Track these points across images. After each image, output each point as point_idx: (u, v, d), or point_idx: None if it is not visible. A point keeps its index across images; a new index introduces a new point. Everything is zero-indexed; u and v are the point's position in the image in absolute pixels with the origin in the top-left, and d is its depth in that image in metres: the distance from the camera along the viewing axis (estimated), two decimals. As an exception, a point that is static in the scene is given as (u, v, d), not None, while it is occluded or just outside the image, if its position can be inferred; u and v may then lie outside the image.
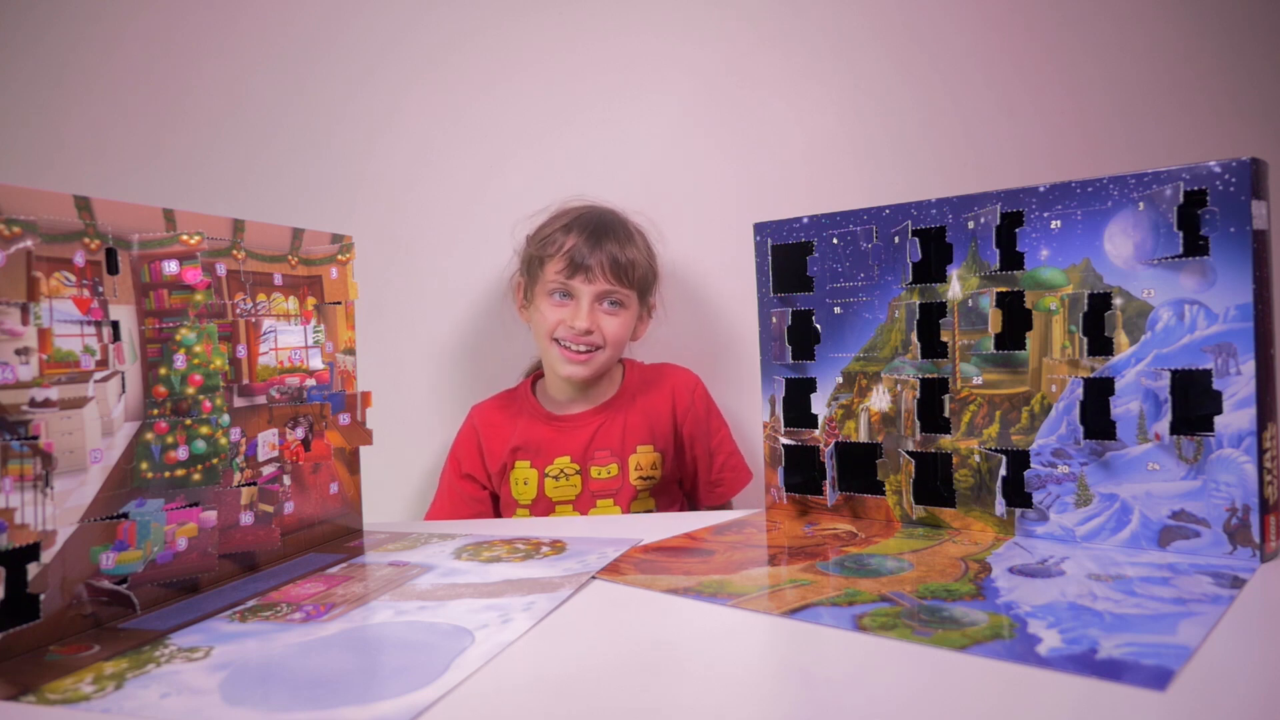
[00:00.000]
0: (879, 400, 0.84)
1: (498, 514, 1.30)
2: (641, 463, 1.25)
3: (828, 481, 0.88)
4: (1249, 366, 0.66)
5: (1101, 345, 0.72)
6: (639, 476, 1.25)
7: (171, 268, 0.68)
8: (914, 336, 0.82)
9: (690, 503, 1.33)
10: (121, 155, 1.41)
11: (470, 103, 1.41)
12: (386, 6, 1.41)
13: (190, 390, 0.69)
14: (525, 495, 1.25)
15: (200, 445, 0.70)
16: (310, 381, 0.83)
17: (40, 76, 1.41)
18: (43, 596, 0.57)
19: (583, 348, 1.22)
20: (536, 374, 1.35)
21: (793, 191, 1.39)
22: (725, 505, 1.31)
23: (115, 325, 0.64)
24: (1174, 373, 0.69)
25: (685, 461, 1.30)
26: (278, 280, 0.80)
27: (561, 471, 1.25)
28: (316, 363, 0.84)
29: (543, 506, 1.25)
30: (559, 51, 1.41)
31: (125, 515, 0.64)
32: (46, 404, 0.58)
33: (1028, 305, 0.75)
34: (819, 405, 0.88)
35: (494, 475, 1.28)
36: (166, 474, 0.67)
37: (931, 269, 0.81)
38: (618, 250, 1.21)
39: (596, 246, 1.20)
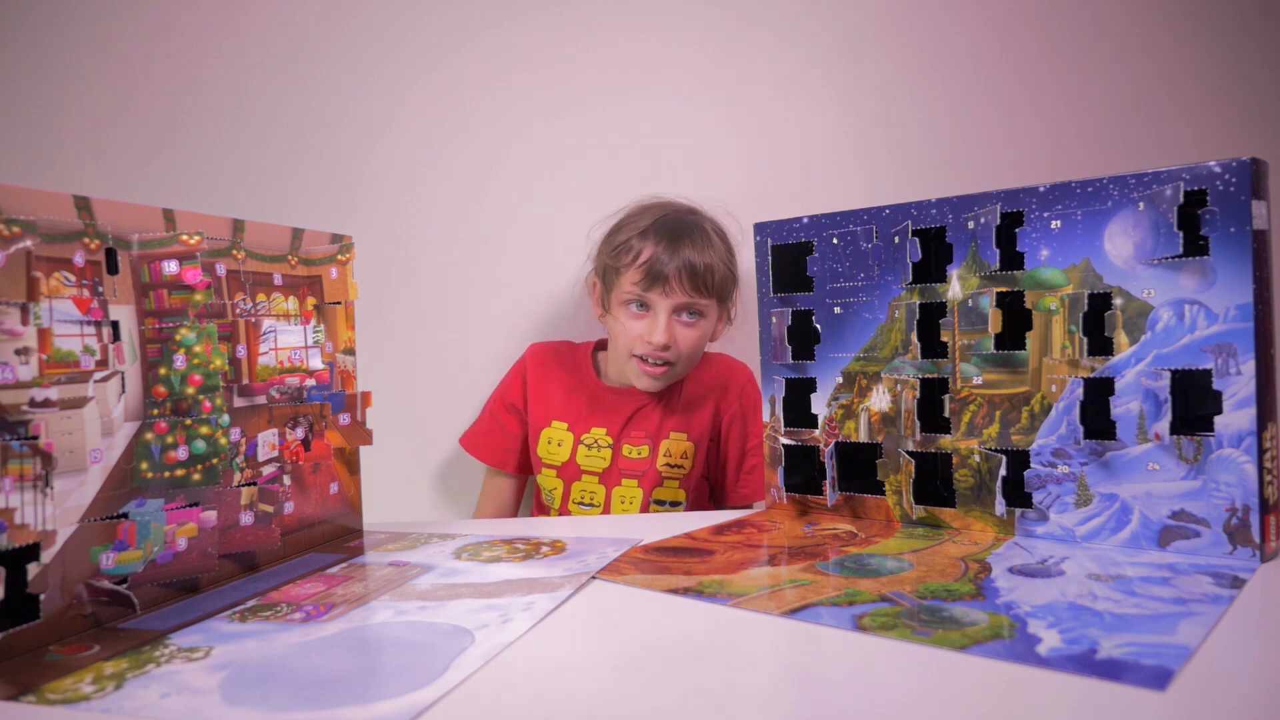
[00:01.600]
0: (879, 400, 0.84)
1: (526, 469, 1.31)
2: (672, 450, 1.24)
3: (828, 481, 0.88)
4: (1249, 366, 0.66)
5: (1101, 345, 0.72)
6: (666, 463, 1.23)
7: (171, 268, 0.68)
8: (914, 336, 0.82)
9: (716, 503, 1.31)
10: (121, 155, 1.41)
11: (470, 103, 1.41)
12: (387, 6, 1.41)
13: (190, 390, 0.69)
14: (557, 457, 1.25)
15: (200, 445, 0.70)
16: (310, 381, 0.83)
17: (40, 76, 1.41)
18: (43, 596, 0.57)
19: (658, 361, 1.19)
20: (601, 341, 1.33)
21: (793, 191, 1.39)
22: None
23: (115, 325, 0.64)
24: (1174, 373, 0.69)
25: (719, 457, 1.28)
26: (278, 280, 0.80)
27: (596, 442, 1.25)
28: (316, 363, 0.84)
29: (571, 472, 1.25)
30: (559, 51, 1.41)
31: (125, 515, 0.64)
32: (46, 404, 0.58)
33: (1028, 305, 0.75)
34: (819, 405, 0.88)
35: (532, 412, 1.29)
36: (166, 474, 0.67)
37: (931, 269, 0.81)
38: (695, 256, 1.16)
39: (673, 254, 1.15)
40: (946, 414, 0.80)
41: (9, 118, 1.41)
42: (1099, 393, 0.72)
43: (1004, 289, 0.76)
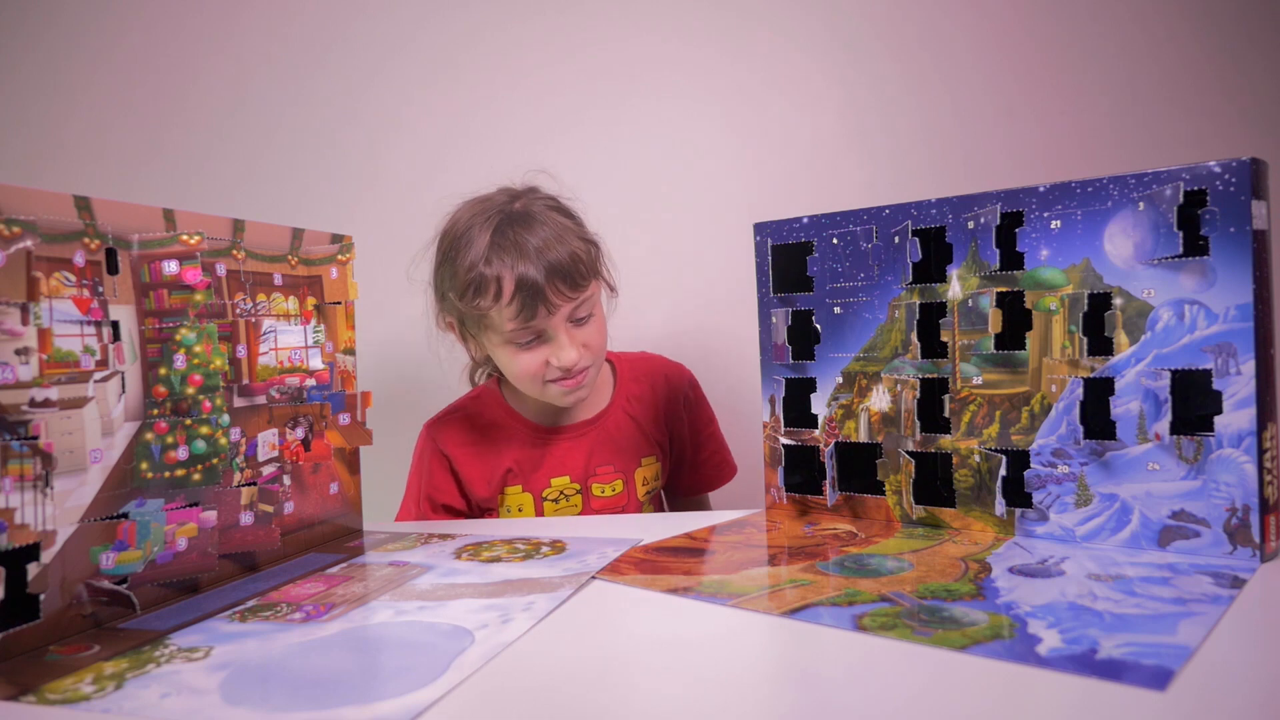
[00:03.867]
0: (879, 400, 0.84)
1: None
2: (646, 475, 1.15)
3: (828, 481, 0.88)
4: (1249, 366, 0.66)
5: (1101, 345, 0.72)
6: (645, 491, 1.15)
7: (171, 268, 0.68)
8: (914, 336, 0.82)
9: (666, 494, 1.25)
10: (121, 155, 1.41)
11: (471, 103, 1.41)
12: (387, 7, 1.41)
13: (190, 390, 0.69)
14: None
15: (200, 445, 0.70)
16: (310, 381, 0.83)
17: (40, 76, 1.41)
18: (43, 596, 0.57)
19: (577, 373, 1.05)
20: (497, 381, 1.18)
21: (793, 191, 1.39)
22: (704, 501, 1.26)
23: (115, 325, 0.64)
24: (1174, 373, 0.69)
25: (674, 454, 1.21)
26: (278, 280, 0.80)
27: (561, 493, 1.12)
28: (316, 363, 0.84)
29: None
30: (559, 52, 1.41)
31: (125, 515, 0.64)
32: (46, 404, 0.58)
33: (1028, 305, 0.75)
34: (819, 405, 0.88)
35: (481, 502, 1.13)
36: (166, 474, 0.67)
37: (931, 269, 0.81)
38: (557, 253, 1.00)
39: (536, 264, 0.98)
40: (946, 414, 0.80)
41: (9, 118, 1.41)
42: (1099, 393, 0.72)
43: (1004, 289, 0.76)
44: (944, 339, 0.80)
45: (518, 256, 0.99)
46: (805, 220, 0.88)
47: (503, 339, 1.03)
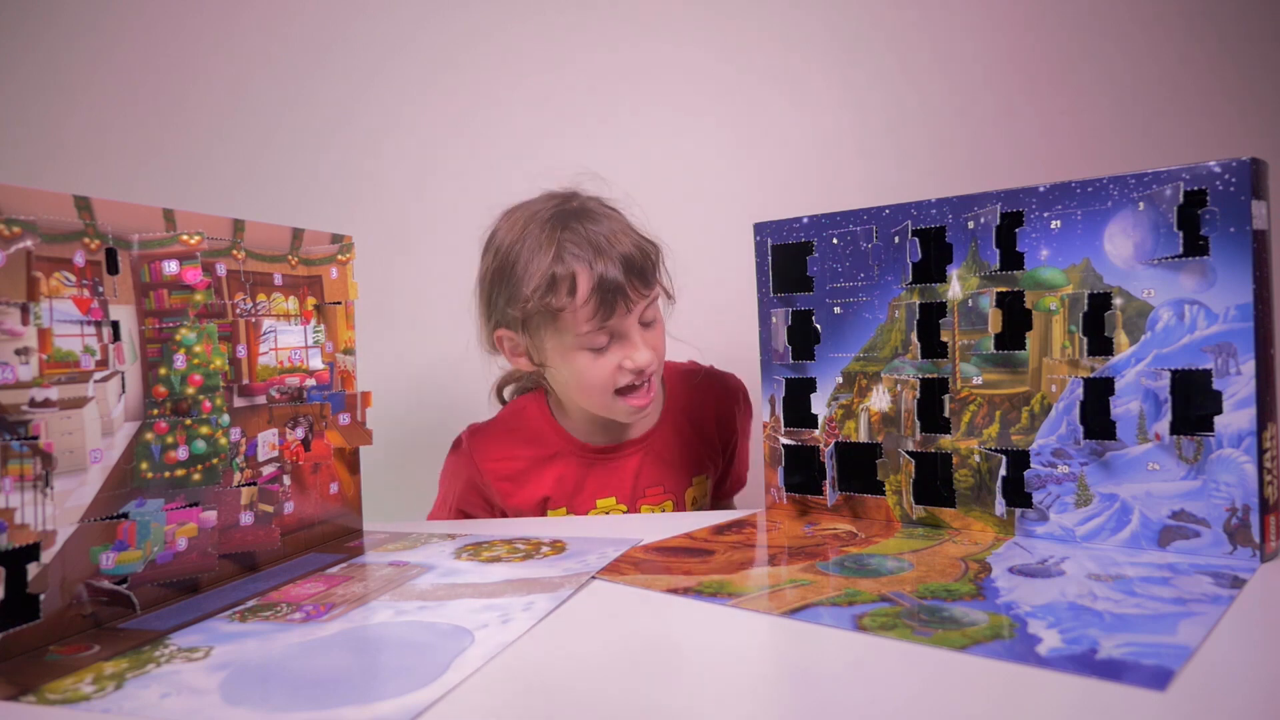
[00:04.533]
0: (879, 400, 0.84)
1: None
2: (696, 495, 1.10)
3: (828, 481, 0.88)
4: (1249, 366, 0.66)
5: (1101, 345, 0.72)
6: (695, 510, 1.10)
7: (171, 268, 0.68)
8: (914, 336, 0.82)
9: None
10: (121, 155, 1.41)
11: (471, 102, 1.41)
12: (387, 7, 1.41)
13: (190, 390, 0.69)
14: None
15: (200, 445, 0.70)
16: (310, 381, 0.83)
17: (40, 76, 1.41)
18: (43, 596, 0.57)
19: (644, 381, 0.99)
20: (541, 394, 1.12)
21: (793, 191, 1.39)
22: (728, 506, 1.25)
23: (115, 325, 0.64)
24: (1174, 373, 0.69)
25: (723, 467, 1.16)
26: (278, 280, 0.80)
27: (608, 514, 1.05)
28: (316, 363, 0.84)
29: None
30: (560, 52, 1.41)
31: (125, 515, 0.64)
32: (46, 404, 0.58)
33: (1028, 305, 0.75)
34: (819, 405, 0.88)
35: (512, 510, 1.08)
36: (166, 474, 0.67)
37: (931, 269, 0.81)
38: (628, 247, 0.96)
39: (609, 260, 0.94)
40: (946, 414, 0.80)
41: (9, 118, 1.41)
42: (1099, 393, 0.72)
43: (1004, 289, 0.76)
44: (944, 339, 0.80)
45: (594, 253, 0.94)
46: (805, 220, 0.88)
47: (575, 343, 0.97)
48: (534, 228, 0.98)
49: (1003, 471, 0.77)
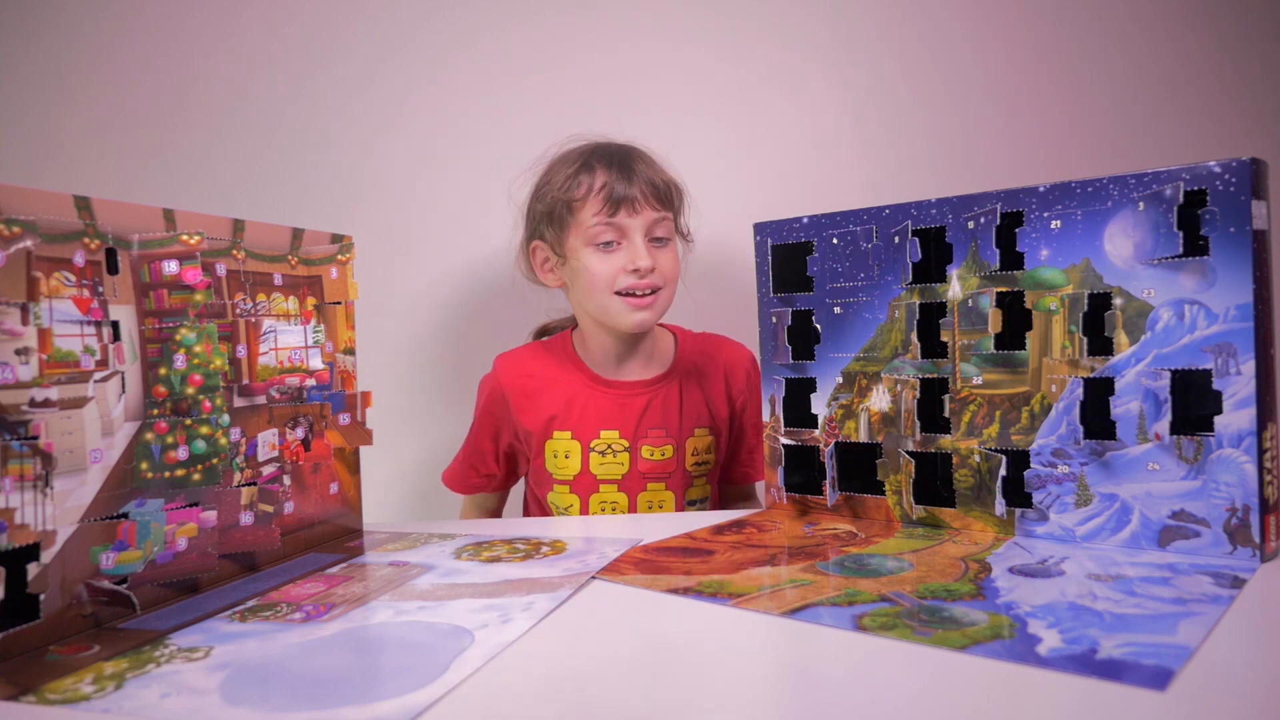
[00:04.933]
0: (879, 400, 0.84)
1: (507, 485, 1.23)
2: (698, 447, 1.16)
3: (828, 481, 0.88)
4: (1249, 366, 0.66)
5: (1101, 345, 0.72)
6: (695, 462, 1.15)
7: (171, 268, 0.68)
8: (914, 336, 0.82)
9: (720, 484, 1.25)
10: (121, 155, 1.41)
11: (471, 102, 1.41)
12: (387, 7, 1.41)
13: (190, 390, 0.69)
14: (565, 470, 1.14)
15: (200, 445, 0.70)
16: (310, 381, 0.83)
17: (40, 76, 1.41)
18: (43, 596, 0.57)
19: (647, 290, 1.09)
20: (570, 330, 1.22)
21: (793, 191, 1.39)
22: (751, 496, 1.25)
23: (115, 325, 0.64)
24: (1174, 373, 0.69)
25: (733, 434, 1.21)
26: (278, 280, 0.80)
27: (609, 447, 1.13)
28: (316, 363, 0.84)
29: (586, 484, 1.13)
30: (560, 52, 1.41)
31: (125, 515, 0.64)
32: (46, 404, 0.58)
33: (1028, 305, 0.75)
34: (819, 405, 0.88)
35: (527, 435, 1.16)
36: (166, 474, 0.67)
37: (931, 269, 0.81)
38: (651, 172, 1.10)
39: (630, 173, 1.08)
40: (946, 414, 0.80)
41: (9, 118, 1.41)
42: (1099, 393, 0.72)
43: (1004, 289, 0.76)
44: (944, 339, 0.80)
45: (614, 167, 1.09)
46: (805, 220, 0.88)
47: (586, 238, 1.09)
48: (571, 151, 1.14)
49: (1003, 471, 0.77)
